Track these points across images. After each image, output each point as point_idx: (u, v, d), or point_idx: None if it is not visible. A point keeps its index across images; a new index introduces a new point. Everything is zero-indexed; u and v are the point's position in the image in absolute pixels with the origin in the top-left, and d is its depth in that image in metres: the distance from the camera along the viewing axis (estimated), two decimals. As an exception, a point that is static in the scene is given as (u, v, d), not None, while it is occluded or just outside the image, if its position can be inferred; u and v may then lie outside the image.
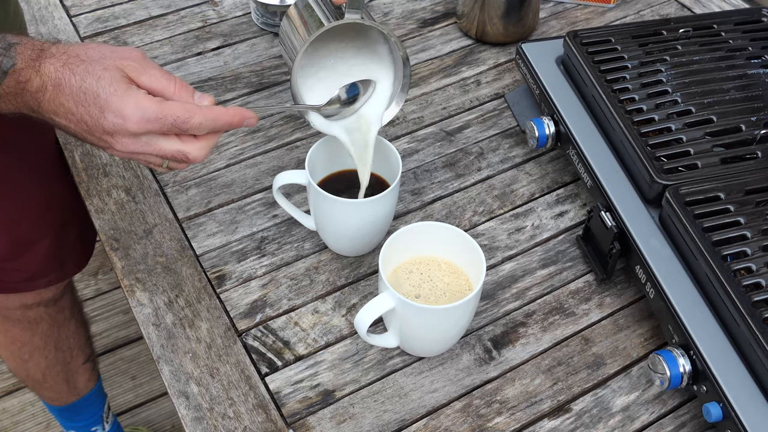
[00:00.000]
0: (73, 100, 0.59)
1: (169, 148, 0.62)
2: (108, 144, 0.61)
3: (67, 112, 0.60)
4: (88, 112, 0.59)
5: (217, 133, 0.64)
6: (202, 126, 0.62)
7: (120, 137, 0.60)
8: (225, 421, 0.66)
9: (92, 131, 0.60)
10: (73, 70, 0.59)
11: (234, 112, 0.63)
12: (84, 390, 1.29)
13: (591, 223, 0.77)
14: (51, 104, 0.60)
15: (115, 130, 0.60)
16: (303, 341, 0.72)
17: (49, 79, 0.59)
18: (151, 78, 0.61)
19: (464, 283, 0.70)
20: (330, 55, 0.73)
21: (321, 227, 0.77)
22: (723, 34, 0.89)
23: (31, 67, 0.59)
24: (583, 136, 0.80)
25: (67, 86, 0.59)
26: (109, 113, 0.59)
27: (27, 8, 1.06)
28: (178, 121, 0.60)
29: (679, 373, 0.64)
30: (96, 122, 0.59)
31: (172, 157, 0.63)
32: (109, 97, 0.59)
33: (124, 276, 0.77)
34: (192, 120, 0.61)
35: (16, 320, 1.10)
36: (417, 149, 0.90)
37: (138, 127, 0.59)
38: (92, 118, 0.59)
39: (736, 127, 0.78)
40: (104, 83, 0.59)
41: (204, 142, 0.63)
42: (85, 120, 0.60)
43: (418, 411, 0.68)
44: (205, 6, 1.08)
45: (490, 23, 1.00)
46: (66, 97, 0.59)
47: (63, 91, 0.59)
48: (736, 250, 0.66)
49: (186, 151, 0.63)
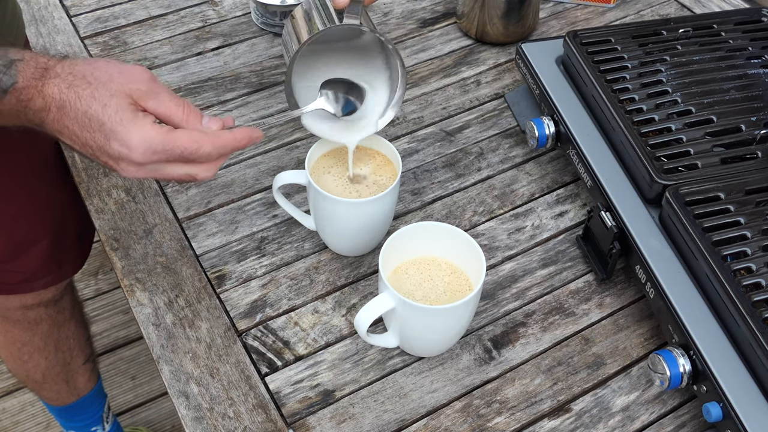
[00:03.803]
0: (78, 124, 0.58)
1: (177, 172, 0.61)
2: (113, 168, 0.60)
3: (72, 134, 0.59)
4: (92, 138, 0.58)
5: (225, 155, 0.63)
6: (211, 155, 0.60)
7: (125, 165, 0.59)
8: (225, 421, 0.66)
9: (97, 156, 0.59)
10: (78, 93, 0.58)
11: (241, 135, 0.63)
12: (84, 390, 1.29)
13: (591, 223, 0.77)
14: (55, 124, 0.59)
15: (121, 158, 0.59)
16: (303, 341, 0.72)
17: (52, 101, 0.58)
18: (159, 104, 0.60)
19: (464, 283, 0.70)
20: (328, 62, 0.74)
21: (321, 227, 0.77)
22: (723, 34, 0.89)
23: (34, 86, 0.58)
24: (583, 136, 0.80)
25: (71, 110, 0.58)
26: (114, 142, 0.58)
27: (27, 8, 1.06)
28: (186, 152, 0.59)
29: (679, 373, 0.64)
30: (101, 148, 0.58)
31: (179, 180, 0.62)
32: (115, 126, 0.57)
33: (124, 276, 0.77)
34: (200, 151, 0.60)
35: (16, 321, 1.10)
36: (417, 149, 0.90)
37: (144, 158, 0.58)
38: (97, 144, 0.58)
39: (736, 127, 0.78)
40: (110, 111, 0.58)
41: (212, 164, 0.62)
42: (90, 145, 0.59)
43: (418, 411, 0.68)
44: (205, 6, 1.08)
45: (490, 23, 1.00)
46: (71, 120, 0.58)
47: (67, 114, 0.58)
48: (736, 250, 0.66)
49: (194, 173, 0.62)
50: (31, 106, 0.58)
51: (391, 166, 0.76)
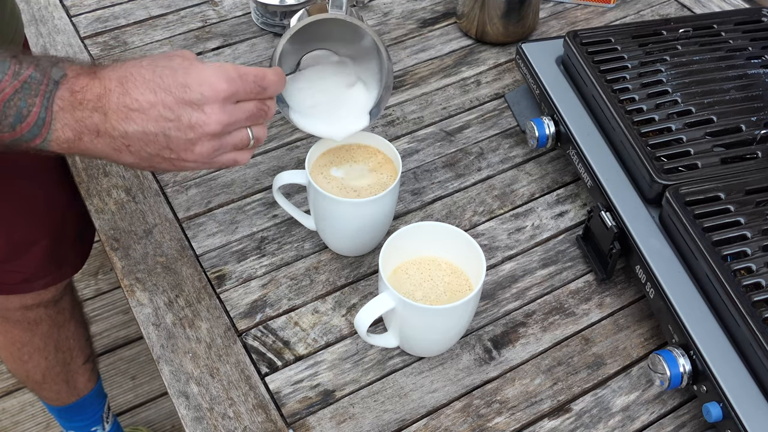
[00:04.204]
0: (147, 88, 0.55)
1: (251, 108, 0.60)
2: (199, 125, 0.57)
3: (143, 108, 0.55)
4: (169, 92, 0.55)
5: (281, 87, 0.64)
6: (276, 84, 0.61)
7: (210, 108, 0.56)
8: (225, 421, 0.66)
9: (179, 117, 0.56)
10: (138, 63, 0.56)
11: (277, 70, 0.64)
12: (84, 390, 1.29)
13: (591, 223, 0.77)
14: (120, 108, 0.55)
15: (204, 99, 0.56)
16: (303, 341, 0.72)
17: (111, 80, 0.55)
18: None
19: (464, 283, 0.70)
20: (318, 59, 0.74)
21: (321, 227, 0.77)
22: (723, 34, 0.89)
23: (86, 74, 0.56)
24: (583, 136, 0.80)
25: (138, 77, 0.56)
26: (193, 83, 0.56)
27: (27, 8, 1.06)
28: (258, 77, 0.59)
29: (679, 373, 0.64)
30: (181, 100, 0.56)
31: (258, 112, 0.61)
32: (188, 69, 0.56)
33: (124, 276, 0.77)
34: (268, 76, 0.60)
35: (16, 321, 1.10)
36: (417, 149, 0.90)
37: (227, 87, 0.57)
38: (175, 97, 0.56)
39: (736, 127, 0.78)
40: (176, 62, 0.57)
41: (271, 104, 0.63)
42: (167, 104, 0.56)
43: (418, 411, 0.68)
44: (205, 6, 1.08)
45: (490, 23, 1.00)
46: (139, 89, 0.55)
47: (134, 82, 0.55)
48: (736, 250, 0.66)
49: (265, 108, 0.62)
50: (87, 96, 0.55)
51: (391, 165, 0.76)
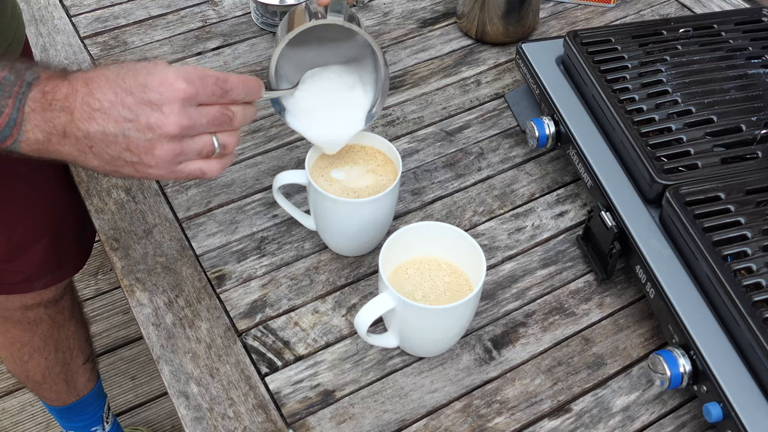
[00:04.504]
0: (109, 88, 0.56)
1: (214, 113, 0.60)
2: (157, 125, 0.56)
3: (104, 108, 0.56)
4: (129, 92, 0.56)
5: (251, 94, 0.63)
6: (240, 87, 0.60)
7: (169, 107, 0.56)
8: (225, 421, 0.66)
9: (138, 117, 0.56)
10: (105, 68, 0.57)
11: (253, 77, 0.63)
12: (84, 390, 1.29)
13: (591, 223, 0.77)
14: (84, 108, 0.56)
15: (162, 99, 0.56)
16: (303, 341, 0.72)
17: (78, 81, 0.56)
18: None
19: (464, 283, 0.70)
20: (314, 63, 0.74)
21: (321, 227, 0.77)
22: (723, 34, 0.89)
23: (58, 76, 0.57)
24: (583, 136, 0.80)
25: (102, 78, 0.56)
26: (152, 83, 0.56)
27: (27, 8, 1.06)
28: (220, 80, 0.59)
29: (679, 373, 0.64)
30: (140, 101, 0.56)
31: (221, 117, 0.60)
32: (150, 71, 0.57)
33: (124, 276, 0.77)
34: (230, 79, 0.59)
35: (16, 321, 1.10)
36: (417, 149, 0.90)
37: (186, 87, 0.56)
38: (135, 97, 0.56)
39: (737, 127, 0.78)
40: (142, 65, 0.57)
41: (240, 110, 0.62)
42: (127, 104, 0.56)
43: (418, 411, 0.68)
44: (205, 6, 1.08)
45: (490, 23, 1.00)
46: (102, 89, 0.56)
47: (98, 83, 0.56)
48: (737, 250, 0.66)
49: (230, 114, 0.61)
50: (56, 97, 0.56)
51: (391, 165, 0.76)
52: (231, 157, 0.64)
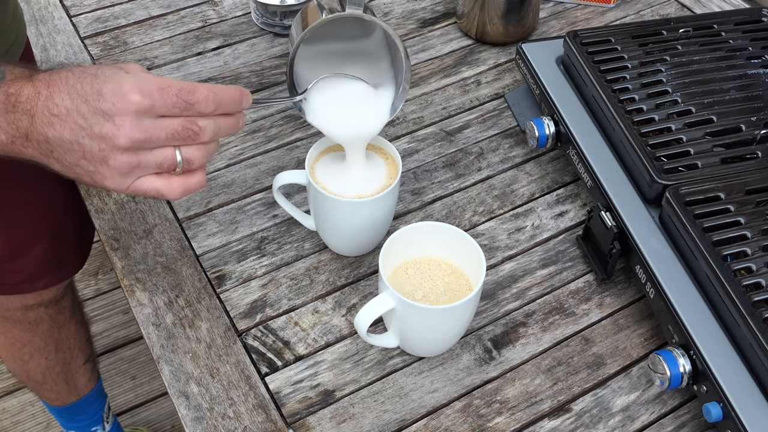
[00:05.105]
0: (67, 93, 0.54)
1: (175, 126, 0.56)
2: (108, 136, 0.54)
3: (61, 114, 0.54)
4: (84, 100, 0.54)
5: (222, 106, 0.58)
6: (209, 99, 0.56)
7: (121, 119, 0.54)
8: (225, 421, 0.66)
9: (91, 126, 0.54)
10: (69, 70, 0.56)
11: (234, 87, 0.59)
12: (84, 390, 1.29)
13: (591, 223, 0.77)
14: (44, 112, 0.54)
15: (115, 110, 0.53)
16: (303, 341, 0.72)
17: (42, 83, 0.55)
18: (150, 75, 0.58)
19: (464, 283, 0.70)
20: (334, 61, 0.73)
21: (321, 227, 0.77)
22: (723, 34, 0.89)
23: (23, 77, 0.56)
24: (583, 136, 0.80)
25: (62, 82, 0.55)
26: (107, 92, 0.54)
27: (27, 8, 1.06)
28: (183, 92, 0.55)
29: (679, 373, 0.64)
30: (93, 109, 0.54)
31: (183, 131, 0.56)
32: (109, 79, 0.54)
33: (124, 276, 0.77)
34: (197, 91, 0.56)
35: (17, 321, 1.10)
36: (417, 149, 0.90)
37: (139, 99, 0.54)
38: (89, 105, 0.54)
39: (736, 127, 0.78)
40: (104, 69, 0.55)
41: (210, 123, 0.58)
42: (81, 112, 0.54)
43: (418, 411, 0.68)
44: (205, 6, 1.08)
45: (490, 23, 1.00)
46: (61, 94, 0.54)
47: (58, 87, 0.54)
48: (736, 250, 0.66)
49: (195, 129, 0.57)
50: (20, 99, 0.55)
51: (392, 165, 0.76)
52: (198, 177, 0.60)
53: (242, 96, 0.60)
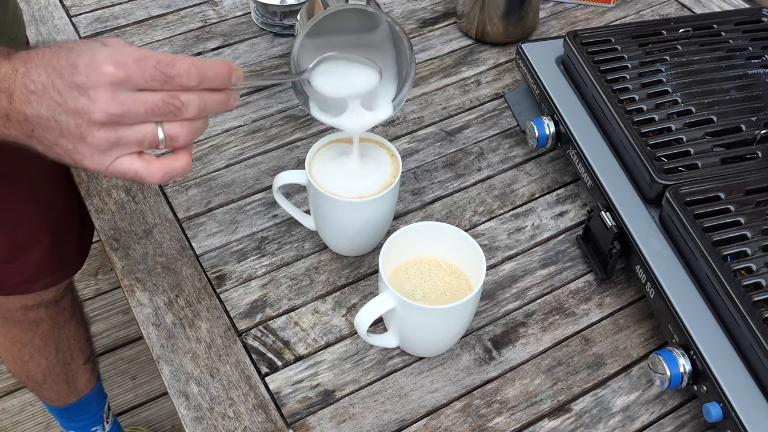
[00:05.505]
0: (43, 68, 0.52)
1: (155, 99, 0.53)
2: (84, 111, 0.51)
3: (38, 90, 0.52)
4: (59, 74, 0.51)
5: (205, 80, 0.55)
6: (190, 72, 0.53)
7: (95, 92, 0.51)
8: (225, 421, 0.66)
9: (66, 101, 0.51)
10: (47, 46, 0.53)
11: (222, 62, 0.56)
12: (84, 390, 1.29)
13: (591, 223, 0.77)
14: (22, 90, 0.52)
15: (89, 83, 0.51)
16: (303, 341, 0.72)
17: (19, 60, 0.52)
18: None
19: (464, 283, 0.70)
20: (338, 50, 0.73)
21: (321, 227, 0.77)
22: (723, 34, 0.89)
23: (2, 55, 0.53)
24: (583, 136, 0.80)
25: (39, 57, 0.52)
26: (81, 65, 0.51)
27: (27, 8, 1.06)
28: (162, 63, 0.52)
29: (679, 373, 0.64)
30: (68, 83, 0.51)
31: (164, 106, 0.53)
32: (83, 51, 0.52)
33: (124, 276, 0.77)
34: (177, 63, 0.52)
35: (17, 321, 1.10)
36: (417, 149, 0.90)
37: (113, 71, 0.51)
38: (64, 79, 0.51)
39: (737, 127, 0.78)
40: (79, 44, 0.53)
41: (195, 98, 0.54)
42: (57, 87, 0.51)
43: (418, 411, 0.68)
44: (205, 6, 1.08)
45: (490, 23, 1.00)
46: (37, 70, 0.52)
47: (35, 63, 0.52)
48: (736, 250, 0.66)
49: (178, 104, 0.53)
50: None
51: (392, 165, 0.75)
52: (182, 161, 0.56)
53: (231, 71, 0.56)
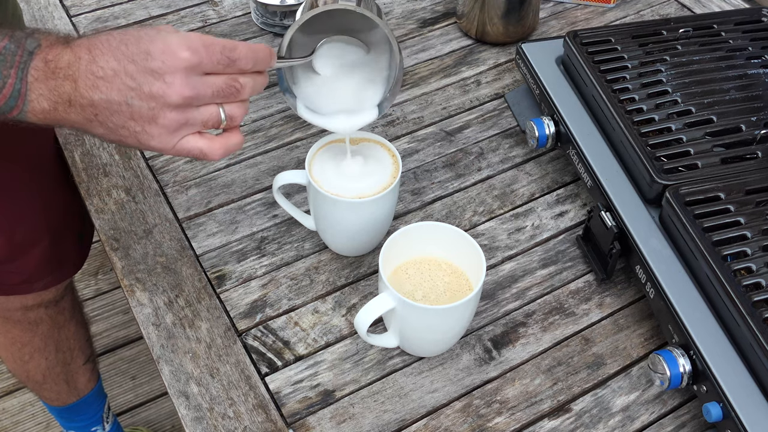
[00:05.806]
0: (112, 55, 0.55)
1: (219, 83, 0.58)
2: (159, 94, 0.55)
3: (107, 76, 0.54)
4: (132, 60, 0.54)
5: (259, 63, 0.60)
6: (248, 56, 0.58)
7: (171, 77, 0.55)
8: (225, 421, 0.66)
9: (141, 85, 0.55)
10: (108, 34, 0.56)
11: (264, 45, 0.61)
12: (84, 390, 1.29)
13: (591, 223, 0.77)
14: (88, 76, 0.54)
15: (165, 68, 0.54)
16: (303, 341, 0.72)
17: (81, 48, 0.55)
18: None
19: (464, 283, 0.70)
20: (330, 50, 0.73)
21: (321, 227, 0.77)
22: (723, 34, 0.89)
23: (60, 43, 0.56)
24: (583, 136, 0.80)
25: (105, 45, 0.55)
26: (155, 51, 0.54)
27: (27, 8, 1.06)
28: (226, 49, 0.57)
29: (679, 373, 0.64)
30: (142, 68, 0.54)
31: (228, 88, 0.58)
32: (153, 38, 0.55)
33: (124, 276, 0.77)
34: (238, 48, 0.57)
35: (17, 321, 1.10)
36: (417, 149, 0.90)
37: (189, 56, 0.55)
38: (137, 65, 0.54)
39: (736, 127, 0.78)
40: (146, 31, 0.56)
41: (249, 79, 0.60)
42: (130, 73, 0.54)
43: (418, 411, 0.68)
44: (205, 6, 1.08)
45: (490, 23, 1.00)
46: (105, 57, 0.55)
47: (101, 50, 0.55)
48: (736, 250, 0.66)
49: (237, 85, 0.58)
50: (59, 65, 0.55)
51: (392, 165, 0.75)
52: (238, 137, 0.62)
53: (272, 54, 0.62)
